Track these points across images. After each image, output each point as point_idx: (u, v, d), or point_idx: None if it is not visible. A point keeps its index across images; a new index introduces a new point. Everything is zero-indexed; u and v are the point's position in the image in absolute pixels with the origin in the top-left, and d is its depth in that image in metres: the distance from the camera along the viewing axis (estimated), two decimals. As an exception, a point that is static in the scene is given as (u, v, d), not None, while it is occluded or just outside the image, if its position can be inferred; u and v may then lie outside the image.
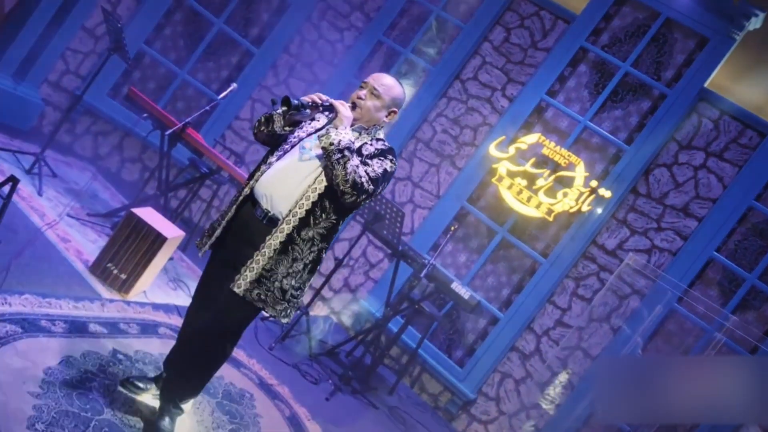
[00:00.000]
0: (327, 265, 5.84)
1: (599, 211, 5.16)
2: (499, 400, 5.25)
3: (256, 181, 2.58)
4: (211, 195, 5.32)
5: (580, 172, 5.23)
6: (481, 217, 5.55)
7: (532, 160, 5.36)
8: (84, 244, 4.11)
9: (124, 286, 3.78)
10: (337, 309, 5.79)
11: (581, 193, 5.17)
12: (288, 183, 2.53)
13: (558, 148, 5.31)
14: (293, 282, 2.54)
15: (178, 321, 3.74)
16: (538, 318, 5.26)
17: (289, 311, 2.58)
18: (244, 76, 6.00)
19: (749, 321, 4.82)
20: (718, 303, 4.89)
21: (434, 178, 5.74)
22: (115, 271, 3.78)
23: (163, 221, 4.01)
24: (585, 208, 5.15)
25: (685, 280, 4.90)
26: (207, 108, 4.52)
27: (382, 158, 2.60)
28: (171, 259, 4.56)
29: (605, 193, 5.13)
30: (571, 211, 5.18)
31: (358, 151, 2.54)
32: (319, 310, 5.85)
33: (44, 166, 4.64)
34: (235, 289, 2.50)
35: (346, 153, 2.44)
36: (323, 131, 2.48)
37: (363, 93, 2.64)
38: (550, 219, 5.20)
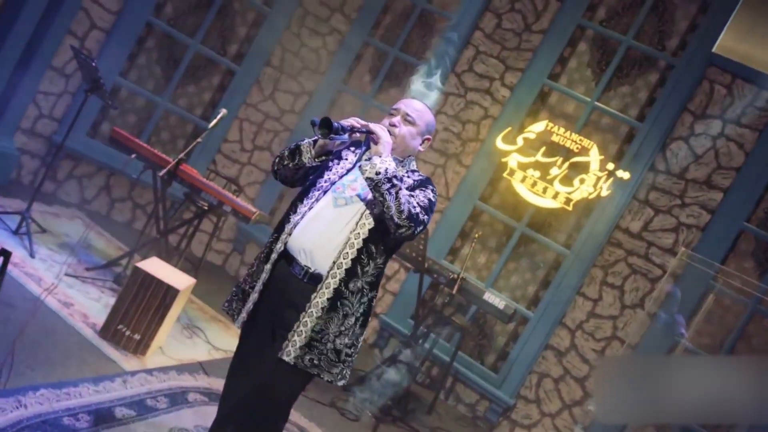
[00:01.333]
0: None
1: (619, 194, 4.93)
2: (540, 401, 5.04)
3: (289, 234, 2.30)
4: (213, 227, 5.02)
5: (594, 156, 5.00)
6: (496, 215, 5.31)
7: (543, 149, 5.12)
8: (88, 305, 3.80)
9: (140, 348, 3.50)
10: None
11: (598, 178, 4.94)
12: (327, 233, 2.26)
13: (568, 133, 5.07)
14: (346, 340, 2.28)
15: (205, 382, 3.46)
16: (570, 312, 5.05)
17: (345, 372, 2.31)
18: (228, 96, 5.68)
19: (790, 290, 4.64)
20: (756, 275, 4.70)
21: (441, 180, 5.48)
22: (128, 333, 3.49)
23: (170, 270, 3.72)
24: (604, 192, 4.92)
25: (718, 255, 4.70)
26: (200, 140, 4.21)
27: (424, 188, 2.34)
28: (182, 305, 4.26)
29: (623, 174, 4.90)
30: (590, 197, 4.95)
31: None
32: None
33: (31, 223, 4.31)
34: (285, 358, 2.23)
35: (395, 182, 2.18)
36: (364, 161, 2.21)
37: (396, 120, 2.37)
38: (569, 208, 4.97)
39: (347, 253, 2.22)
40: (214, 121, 4.28)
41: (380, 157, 2.19)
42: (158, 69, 5.46)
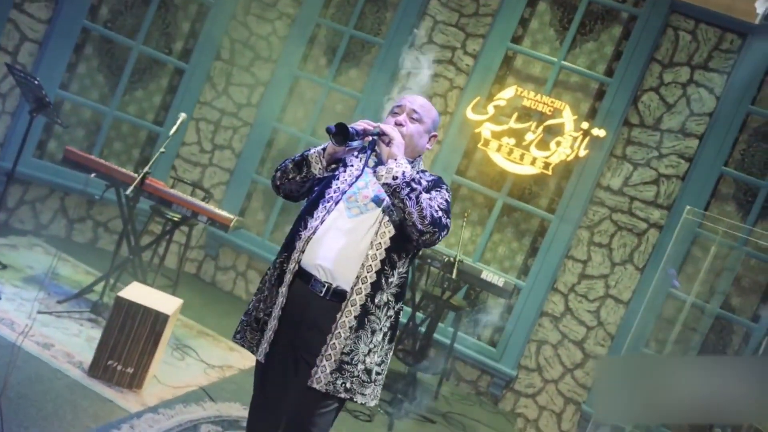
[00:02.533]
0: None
1: (597, 152, 4.88)
2: (541, 369, 5.02)
3: (302, 252, 2.11)
4: (186, 237, 4.75)
5: (568, 117, 4.92)
6: (475, 188, 5.20)
7: (515, 115, 5.01)
8: (70, 342, 3.53)
9: (135, 381, 3.27)
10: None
11: (574, 139, 4.87)
12: (346, 246, 2.08)
13: (538, 96, 4.97)
14: (376, 358, 2.13)
15: (214, 410, 3.26)
16: (561, 277, 5.01)
17: (377, 392, 2.17)
18: (180, 96, 5.36)
19: (772, 227, 4.69)
20: (739, 216, 4.74)
21: (414, 158, 5.32)
22: (120, 368, 3.25)
23: (154, 294, 3.48)
24: (582, 152, 4.86)
25: (701, 202, 4.70)
26: (163, 150, 3.93)
27: (439, 189, 2.18)
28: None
29: (599, 132, 4.84)
30: (569, 159, 4.88)
31: None
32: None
33: (-10, 260, 3.98)
34: (315, 386, 2.07)
35: (414, 185, 2.02)
36: (379, 167, 2.03)
37: (401, 118, 2.19)
38: (549, 172, 4.89)
39: (370, 266, 2.06)
40: (175, 128, 4.04)
41: (395, 160, 2.03)
42: (101, 77, 5.09)
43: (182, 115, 4.13)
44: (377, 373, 2.14)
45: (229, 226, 4.00)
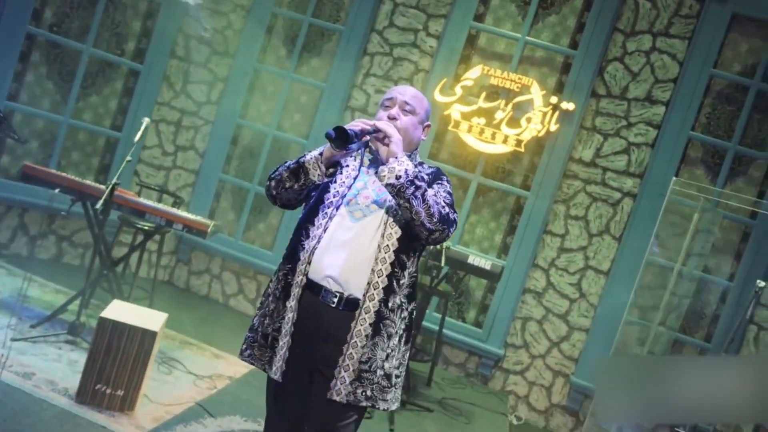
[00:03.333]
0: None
1: (567, 125, 4.88)
2: (528, 345, 5.05)
3: (308, 263, 2.02)
4: (158, 245, 4.59)
5: (536, 93, 4.90)
6: (448, 170, 5.15)
7: (483, 94, 4.97)
8: (51, 369, 3.37)
9: (127, 403, 3.14)
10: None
11: (544, 114, 4.86)
12: (353, 252, 2.01)
13: (505, 74, 4.94)
14: (394, 362, 2.07)
15: (215, 425, 3.16)
16: (540, 252, 5.03)
17: (397, 395, 2.12)
18: (137, 99, 5.14)
19: (741, 188, 4.79)
20: (709, 179, 4.82)
21: (384, 145, 5.24)
22: (109, 391, 3.12)
23: (138, 311, 3.34)
24: (553, 127, 4.86)
25: (671, 168, 4.77)
26: (129, 159, 3.75)
27: (440, 182, 2.12)
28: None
29: (568, 105, 4.85)
30: (540, 134, 4.88)
31: None
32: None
33: (-47, 289, 3.76)
34: (336, 398, 2.00)
35: (418, 183, 1.95)
36: (381, 168, 1.95)
37: (394, 112, 2.11)
38: (522, 150, 4.88)
39: (380, 270, 1.99)
40: (139, 134, 3.87)
41: (396, 158, 1.95)
42: (51, 84, 4.84)
43: (146, 120, 3.95)
44: (396, 377, 2.09)
45: (206, 233, 3.87)
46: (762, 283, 3.28)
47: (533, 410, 5.03)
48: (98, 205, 3.48)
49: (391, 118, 2.10)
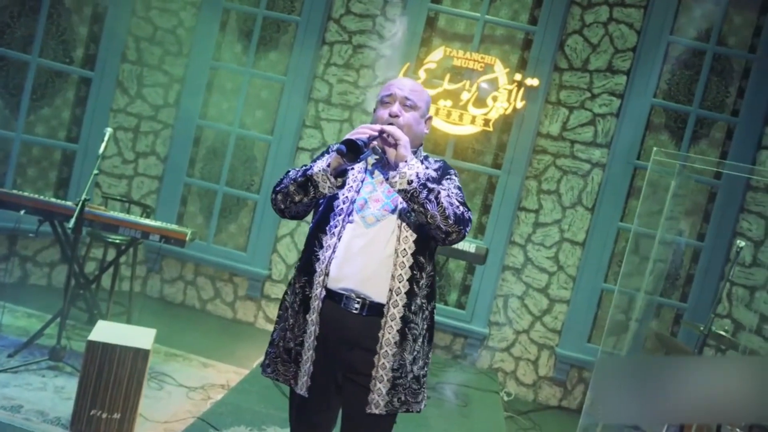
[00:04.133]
0: (278, 269, 5.25)
1: (533, 101, 4.91)
2: (511, 321, 5.11)
3: (326, 275, 1.97)
4: (132, 258, 4.43)
5: (500, 71, 4.91)
6: (419, 155, 5.13)
7: (448, 76, 4.95)
8: (38, 399, 3.23)
9: (124, 426, 3.04)
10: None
11: (510, 91, 4.87)
12: (371, 259, 1.96)
13: (468, 54, 4.92)
14: (420, 363, 2.05)
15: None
16: (516, 229, 5.07)
17: (425, 393, 2.10)
18: (91, 107, 4.93)
19: (704, 150, 4.92)
20: (673, 144, 4.93)
21: (351, 134, 5.17)
22: (105, 415, 3.01)
23: (125, 330, 3.23)
24: (519, 104, 4.88)
25: (637, 135, 4.86)
26: (96, 172, 3.60)
27: (449, 177, 2.09)
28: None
29: (532, 81, 4.87)
30: (507, 112, 4.89)
31: None
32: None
33: None
34: (376, 411, 1.97)
35: (431, 185, 1.90)
36: (392, 174, 1.90)
37: (395, 109, 2.05)
38: (490, 129, 4.89)
39: (401, 275, 1.95)
40: (103, 145, 3.74)
41: (405, 162, 1.90)
42: (-2, 99, 4.60)
43: (108, 130, 3.81)
44: (423, 377, 2.07)
45: (184, 241, 3.75)
46: (742, 243, 3.38)
47: (522, 385, 5.10)
48: (70, 224, 3.33)
49: (393, 116, 2.03)
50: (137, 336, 3.17)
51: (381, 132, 1.90)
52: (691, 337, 4.76)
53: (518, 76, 4.87)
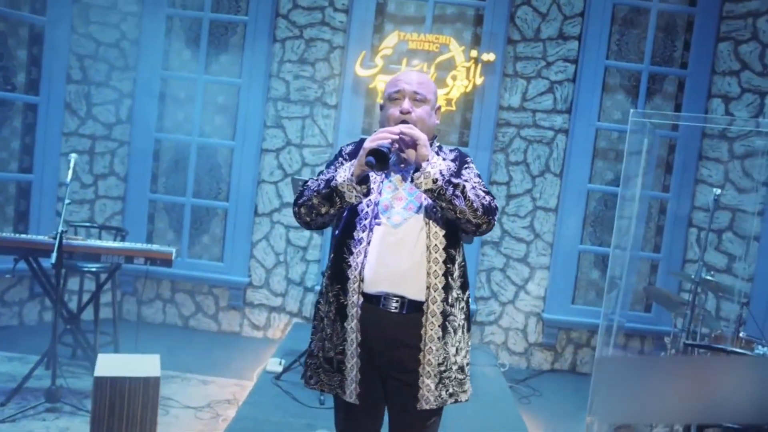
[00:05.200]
0: (259, 274, 5.18)
1: (491, 76, 4.96)
2: (496, 294, 5.19)
3: (361, 281, 1.95)
4: (111, 284, 4.28)
5: (455, 49, 4.93)
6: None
7: (404, 60, 4.94)
8: (47, 443, 3.11)
9: (144, 457, 2.96)
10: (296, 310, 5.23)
11: (467, 69, 4.91)
12: (405, 260, 1.96)
13: (422, 36, 4.93)
14: (463, 353, 2.07)
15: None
16: (490, 204, 5.14)
17: (470, 382, 2.12)
18: (41, 134, 4.71)
19: (659, 105, 5.09)
20: (629, 102, 5.08)
21: (314, 129, 5.12)
22: (123, 450, 2.92)
23: (130, 360, 3.13)
24: (478, 80, 4.92)
25: (595, 97, 4.99)
26: (68, 201, 3.45)
27: (467, 166, 2.09)
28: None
29: (488, 56, 4.92)
30: (468, 90, 4.93)
31: None
32: (279, 332, 5.24)
33: None
34: (426, 406, 1.99)
35: (455, 180, 1.91)
36: (417, 175, 1.89)
37: (406, 105, 2.03)
38: (453, 108, 4.92)
39: (436, 271, 1.96)
40: (70, 173, 3.59)
41: (428, 161, 1.88)
42: (-59, 137, 4.34)
43: (73, 156, 3.67)
44: (466, 365, 2.09)
45: (171, 261, 3.65)
46: (718, 191, 3.52)
47: (514, 354, 5.21)
48: (52, 260, 3.19)
49: (405, 113, 2.01)
50: (142, 364, 3.08)
51: (399, 134, 1.89)
52: (670, 284, 4.96)
53: (474, 53, 4.91)
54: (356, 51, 4.98)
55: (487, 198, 1.98)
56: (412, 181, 1.92)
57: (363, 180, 1.94)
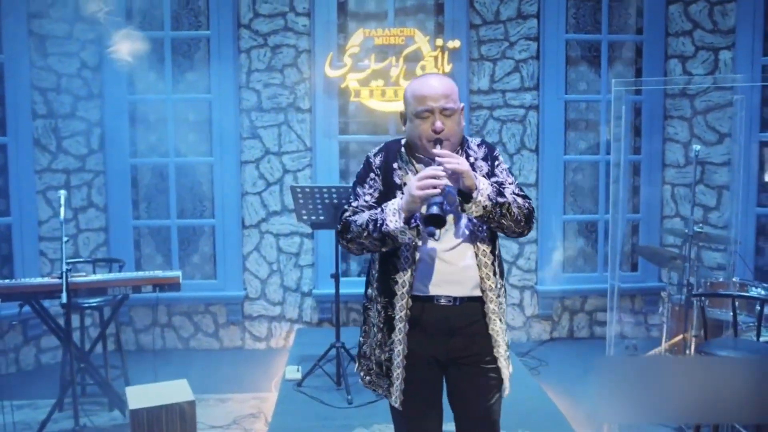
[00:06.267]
0: (254, 286, 5.18)
1: (458, 62, 5.06)
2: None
3: (409, 297, 2.03)
4: (114, 315, 4.21)
5: (421, 40, 5.01)
6: (362, 139, 5.19)
7: (372, 56, 5.00)
8: (86, 484, 3.07)
9: (189, 482, 2.96)
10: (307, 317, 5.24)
11: (435, 57, 4.99)
12: (454, 267, 2.04)
13: (386, 30, 4.98)
14: (506, 333, 2.19)
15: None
16: (472, 187, 5.24)
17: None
18: (13, 174, 4.59)
19: (621, 72, 5.27)
20: (593, 72, 5.25)
21: (291, 135, 5.13)
22: (168, 478, 2.91)
23: (161, 388, 3.11)
24: (447, 68, 5.01)
25: (559, 72, 5.13)
26: (66, 239, 3.40)
27: (498, 164, 2.15)
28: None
29: (454, 44, 5.00)
30: (438, 78, 5.01)
31: None
32: (282, 340, 5.25)
33: None
34: (492, 382, 2.10)
35: (500, 200, 1.96)
36: (467, 206, 1.94)
37: (438, 124, 2.01)
38: (426, 98, 4.99)
39: (488, 273, 2.06)
40: (62, 211, 3.53)
41: (477, 189, 1.92)
42: None
43: (62, 193, 3.62)
44: (509, 341, 2.22)
45: (179, 284, 3.63)
46: (698, 147, 3.70)
47: (514, 329, 5.35)
48: (63, 299, 3.14)
49: (438, 132, 2.01)
50: (173, 390, 3.07)
51: (447, 173, 1.90)
52: (652, 242, 5.17)
53: (439, 42, 4.99)
54: (323, 53, 5.00)
55: (525, 203, 2.05)
56: (463, 210, 1.97)
57: (410, 218, 1.97)
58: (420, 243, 2.02)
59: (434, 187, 1.88)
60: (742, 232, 4.73)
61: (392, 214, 1.96)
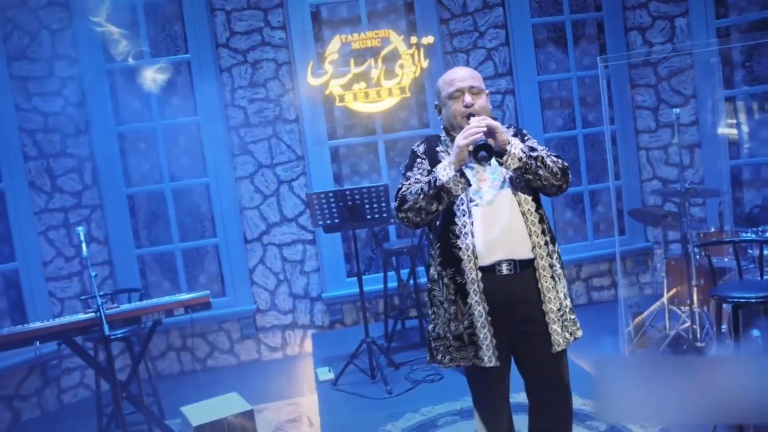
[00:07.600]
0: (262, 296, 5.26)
1: (434, 57, 5.25)
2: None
3: (476, 258, 2.18)
4: (145, 341, 4.26)
5: (396, 40, 5.18)
6: (351, 142, 5.33)
7: (352, 61, 5.14)
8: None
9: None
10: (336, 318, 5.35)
11: (412, 55, 5.17)
12: (507, 230, 2.20)
13: (362, 35, 5.13)
14: (568, 296, 2.35)
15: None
16: (461, 174, 5.44)
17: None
18: (13, 219, 4.56)
19: (586, 48, 5.55)
20: (560, 52, 5.51)
21: (281, 147, 5.23)
22: (238, 487, 3.02)
23: (218, 403, 3.21)
24: (424, 64, 5.19)
25: (528, 54, 5.37)
26: (95, 274, 3.45)
27: (527, 137, 2.35)
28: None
29: (428, 39, 5.19)
30: (416, 75, 5.19)
31: None
32: (297, 347, 5.35)
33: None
34: (558, 348, 2.24)
35: (533, 153, 2.17)
36: (504, 158, 2.14)
37: (468, 98, 2.25)
38: (408, 94, 5.18)
39: (536, 231, 2.22)
40: (84, 246, 3.56)
41: (510, 143, 2.13)
42: None
43: (80, 230, 3.63)
44: (572, 303, 2.37)
45: (209, 303, 3.71)
46: (678, 110, 3.97)
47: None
48: (107, 332, 3.20)
49: (469, 106, 2.23)
50: (228, 404, 3.18)
51: (486, 124, 2.11)
52: (636, 204, 5.46)
53: (414, 39, 5.17)
54: (303, 63, 5.12)
55: (560, 160, 2.24)
56: (500, 164, 2.15)
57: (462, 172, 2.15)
58: (470, 191, 2.18)
59: (476, 134, 2.08)
60: (721, 184, 5.06)
61: (443, 169, 2.15)
